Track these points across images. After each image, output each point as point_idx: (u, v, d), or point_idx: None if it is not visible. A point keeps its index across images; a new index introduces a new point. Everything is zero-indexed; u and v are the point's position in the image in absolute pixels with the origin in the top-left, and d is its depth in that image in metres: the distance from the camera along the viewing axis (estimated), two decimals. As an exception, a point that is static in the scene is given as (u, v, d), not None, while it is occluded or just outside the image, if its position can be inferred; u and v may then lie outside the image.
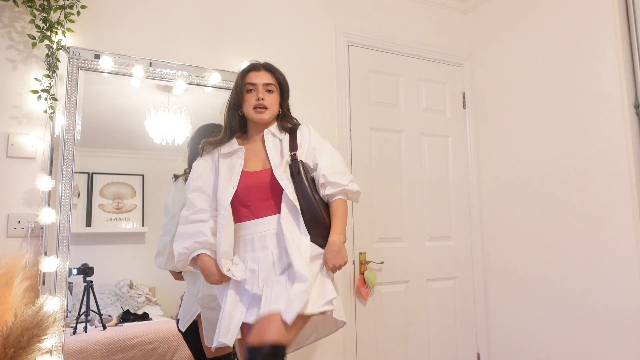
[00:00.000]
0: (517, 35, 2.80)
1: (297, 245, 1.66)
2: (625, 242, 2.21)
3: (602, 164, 2.32)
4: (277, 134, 1.84)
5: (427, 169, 2.92)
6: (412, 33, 2.98)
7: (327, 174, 1.75)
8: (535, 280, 2.63)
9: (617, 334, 2.23)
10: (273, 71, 1.86)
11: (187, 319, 2.14)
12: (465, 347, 2.90)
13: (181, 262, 1.76)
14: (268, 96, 1.81)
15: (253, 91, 1.81)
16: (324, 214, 1.74)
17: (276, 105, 1.84)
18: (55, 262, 1.91)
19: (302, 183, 1.73)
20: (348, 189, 1.78)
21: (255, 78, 1.82)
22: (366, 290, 2.60)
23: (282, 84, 1.87)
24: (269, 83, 1.82)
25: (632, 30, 2.28)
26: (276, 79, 1.85)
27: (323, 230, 1.74)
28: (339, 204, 1.76)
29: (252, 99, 1.80)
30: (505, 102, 2.87)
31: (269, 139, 1.82)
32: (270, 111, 1.81)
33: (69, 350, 1.96)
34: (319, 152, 1.80)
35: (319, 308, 1.59)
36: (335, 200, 1.77)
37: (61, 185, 1.98)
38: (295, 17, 2.63)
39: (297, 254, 1.63)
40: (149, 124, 2.28)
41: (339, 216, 1.75)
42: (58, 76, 2.01)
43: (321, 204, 1.75)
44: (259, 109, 1.79)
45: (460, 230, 2.99)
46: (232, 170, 1.79)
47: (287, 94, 1.90)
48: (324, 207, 1.75)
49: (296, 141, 1.81)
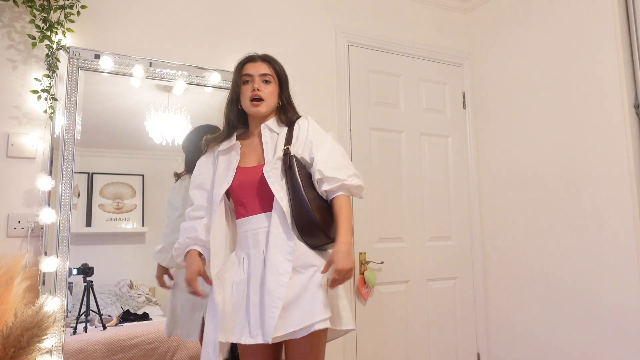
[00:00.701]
0: (517, 35, 2.80)
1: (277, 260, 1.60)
2: (626, 241, 2.21)
3: (602, 164, 2.32)
4: (275, 127, 1.76)
5: (427, 169, 2.92)
6: (412, 33, 2.98)
7: (323, 168, 1.63)
8: (535, 280, 2.63)
9: (617, 334, 2.23)
10: (270, 61, 1.79)
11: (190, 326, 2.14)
12: (465, 347, 2.90)
13: (179, 257, 1.74)
14: (265, 87, 1.74)
15: (249, 82, 1.74)
16: (316, 214, 1.61)
17: (273, 97, 1.77)
18: (55, 262, 1.91)
19: (293, 179, 1.64)
20: (347, 184, 1.64)
21: (251, 69, 1.75)
22: (366, 290, 2.60)
23: (280, 75, 1.79)
24: (266, 73, 1.75)
25: (632, 30, 2.28)
26: (274, 69, 1.78)
27: (314, 231, 1.62)
28: (341, 202, 1.63)
29: (248, 90, 1.74)
30: (505, 102, 2.87)
31: (266, 134, 1.75)
32: (266, 103, 1.74)
33: (69, 350, 1.96)
34: (317, 145, 1.69)
35: (306, 331, 1.52)
36: (336, 197, 1.64)
37: (61, 185, 1.98)
38: (295, 17, 2.63)
39: (275, 269, 1.58)
40: (149, 124, 2.28)
41: (344, 215, 1.62)
42: (58, 76, 2.01)
43: (314, 202, 1.63)
44: (255, 101, 1.72)
45: (460, 230, 2.99)
46: (229, 167, 1.74)
47: (286, 85, 1.82)
48: (317, 207, 1.63)
49: (292, 134, 1.72)
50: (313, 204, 1.62)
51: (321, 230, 1.61)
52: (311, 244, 1.64)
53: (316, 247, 1.66)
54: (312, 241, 1.64)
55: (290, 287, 1.57)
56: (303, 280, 1.58)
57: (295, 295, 1.56)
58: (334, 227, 1.66)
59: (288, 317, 1.54)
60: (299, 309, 1.54)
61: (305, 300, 1.56)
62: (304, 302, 1.55)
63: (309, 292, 1.57)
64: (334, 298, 1.65)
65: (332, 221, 1.66)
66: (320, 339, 1.60)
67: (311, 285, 1.58)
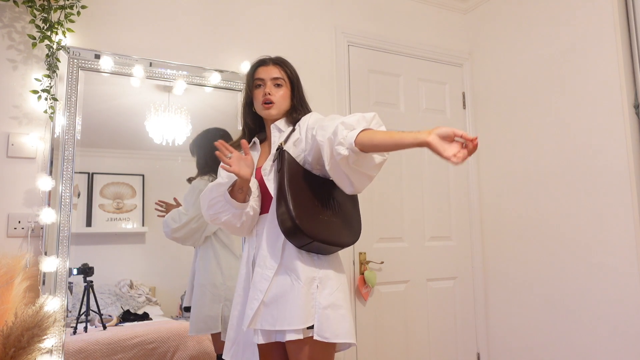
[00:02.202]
0: (517, 35, 2.80)
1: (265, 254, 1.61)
2: (625, 241, 2.21)
3: (602, 164, 2.32)
4: (283, 127, 1.77)
5: (427, 169, 2.92)
6: (412, 33, 2.98)
7: (321, 138, 1.50)
8: (535, 280, 2.63)
9: (617, 334, 2.23)
10: (282, 64, 1.80)
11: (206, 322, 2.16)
12: (465, 347, 2.90)
13: (219, 203, 1.63)
14: (276, 91, 1.75)
15: (261, 86, 1.76)
16: (295, 209, 1.51)
17: (285, 100, 1.77)
18: (55, 262, 1.92)
19: (279, 172, 1.59)
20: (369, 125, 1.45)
21: (263, 73, 1.77)
22: (366, 290, 2.60)
23: (292, 77, 1.80)
24: (277, 77, 1.76)
25: (632, 30, 2.28)
26: (285, 73, 1.79)
27: (293, 228, 1.51)
28: (365, 137, 1.39)
29: (260, 94, 1.75)
30: (505, 102, 2.87)
31: (275, 134, 1.76)
32: (277, 106, 1.74)
33: (69, 350, 1.96)
34: (317, 128, 1.58)
35: (281, 335, 1.49)
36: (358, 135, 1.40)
37: (61, 185, 1.98)
38: (295, 17, 2.63)
39: (262, 263, 1.59)
40: (149, 124, 2.28)
41: (385, 133, 1.40)
42: (58, 76, 2.01)
43: (299, 196, 1.54)
44: (266, 104, 1.74)
45: (460, 230, 2.99)
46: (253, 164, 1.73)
47: (298, 87, 1.81)
48: (300, 203, 1.54)
49: (295, 131, 1.71)
50: (296, 198, 1.53)
51: (299, 228, 1.51)
52: (295, 244, 1.57)
53: (301, 247, 1.58)
54: (294, 240, 1.56)
55: (275, 284, 1.56)
56: (287, 282, 1.56)
57: (277, 294, 1.55)
58: (317, 224, 1.56)
59: (267, 314, 1.53)
60: (277, 309, 1.52)
61: (283, 303, 1.52)
62: (282, 305, 1.52)
63: (289, 296, 1.52)
64: (326, 307, 1.52)
65: (315, 218, 1.57)
66: (316, 349, 1.52)
67: (292, 289, 1.53)
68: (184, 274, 2.28)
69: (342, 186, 1.56)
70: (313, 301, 1.52)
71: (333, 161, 1.47)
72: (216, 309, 2.18)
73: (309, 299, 1.52)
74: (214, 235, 2.25)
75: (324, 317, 1.51)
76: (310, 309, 1.51)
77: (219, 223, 1.67)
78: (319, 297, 1.53)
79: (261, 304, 1.54)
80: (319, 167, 1.66)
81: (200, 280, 2.23)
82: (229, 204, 1.62)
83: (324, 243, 1.57)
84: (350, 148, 1.41)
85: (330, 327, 1.51)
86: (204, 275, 2.23)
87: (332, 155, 1.46)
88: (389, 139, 1.38)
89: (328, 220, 1.61)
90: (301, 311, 1.49)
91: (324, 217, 1.61)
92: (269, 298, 1.55)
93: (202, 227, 2.23)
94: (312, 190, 1.62)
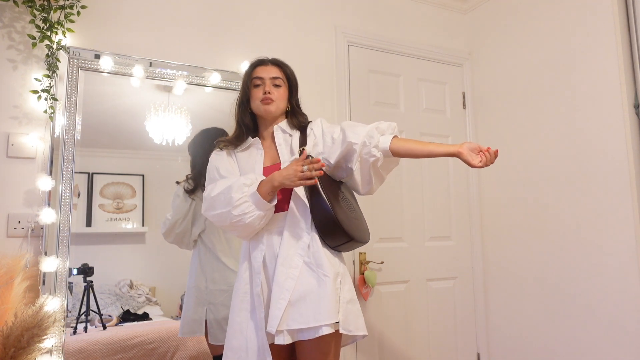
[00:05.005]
0: (517, 35, 2.80)
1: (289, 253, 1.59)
2: (625, 241, 2.21)
3: (602, 164, 2.32)
4: (288, 129, 1.78)
5: (427, 168, 2.92)
6: (412, 33, 2.98)
7: (354, 140, 1.61)
8: (535, 280, 2.63)
9: (617, 334, 2.23)
10: (281, 65, 1.81)
11: (191, 325, 2.15)
12: (465, 347, 2.90)
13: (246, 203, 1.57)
14: (275, 90, 1.75)
15: (260, 85, 1.75)
16: (338, 211, 1.59)
17: (283, 100, 1.78)
18: (55, 262, 1.91)
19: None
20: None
21: (262, 72, 1.77)
22: (366, 290, 2.60)
23: (291, 79, 1.82)
24: (277, 77, 1.77)
25: (632, 30, 2.28)
26: (284, 73, 1.80)
27: (334, 229, 1.59)
28: (398, 143, 1.63)
29: (259, 93, 1.75)
30: (505, 102, 2.87)
31: (279, 135, 1.76)
32: (276, 104, 1.75)
33: (69, 350, 1.96)
34: (333, 130, 1.71)
35: (314, 332, 1.50)
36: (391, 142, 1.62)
37: (61, 185, 1.98)
38: (295, 17, 2.63)
39: (285, 262, 1.57)
40: (149, 124, 2.28)
41: (417, 142, 1.67)
42: (58, 76, 2.01)
43: (335, 198, 1.61)
44: (265, 101, 1.73)
45: (460, 230, 2.99)
46: (255, 160, 1.73)
47: (295, 89, 1.83)
48: (338, 204, 1.61)
49: (306, 137, 1.73)
50: (334, 199, 1.62)
51: (341, 229, 1.59)
52: (331, 244, 1.63)
53: (335, 247, 1.65)
54: (332, 241, 1.62)
55: (300, 283, 1.55)
56: (314, 278, 1.56)
57: (303, 293, 1.54)
58: (353, 224, 1.65)
59: (294, 313, 1.51)
60: (306, 307, 1.52)
61: (313, 299, 1.53)
62: (312, 302, 1.53)
63: (319, 292, 1.54)
64: (348, 302, 1.60)
65: (349, 217, 1.64)
66: (330, 345, 1.56)
67: (322, 285, 1.54)
68: (184, 274, 2.28)
69: (361, 186, 1.71)
70: (338, 296, 1.57)
71: (364, 162, 1.64)
72: (200, 312, 2.14)
73: (336, 293, 1.56)
74: (199, 239, 2.22)
75: (348, 311, 1.58)
76: (336, 304, 1.55)
77: (240, 225, 1.59)
78: (342, 291, 1.60)
79: (288, 304, 1.53)
80: (335, 168, 1.71)
81: (188, 283, 2.22)
82: (255, 205, 1.58)
83: (357, 241, 1.65)
84: (383, 151, 1.62)
85: (354, 320, 1.58)
86: (190, 278, 2.22)
87: (364, 156, 1.63)
88: (423, 147, 1.64)
89: (356, 218, 1.71)
90: (332, 306, 1.53)
91: (353, 215, 1.69)
92: (294, 297, 1.54)
93: (187, 231, 2.21)
94: (339, 190, 1.70)
